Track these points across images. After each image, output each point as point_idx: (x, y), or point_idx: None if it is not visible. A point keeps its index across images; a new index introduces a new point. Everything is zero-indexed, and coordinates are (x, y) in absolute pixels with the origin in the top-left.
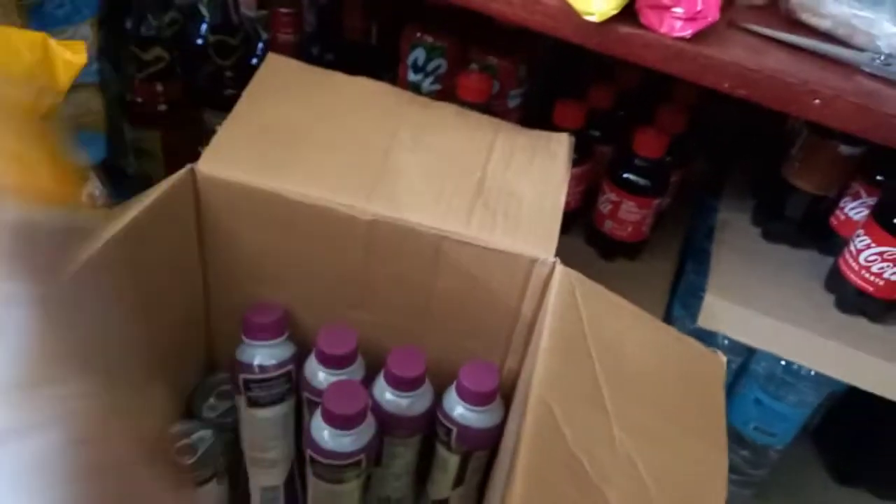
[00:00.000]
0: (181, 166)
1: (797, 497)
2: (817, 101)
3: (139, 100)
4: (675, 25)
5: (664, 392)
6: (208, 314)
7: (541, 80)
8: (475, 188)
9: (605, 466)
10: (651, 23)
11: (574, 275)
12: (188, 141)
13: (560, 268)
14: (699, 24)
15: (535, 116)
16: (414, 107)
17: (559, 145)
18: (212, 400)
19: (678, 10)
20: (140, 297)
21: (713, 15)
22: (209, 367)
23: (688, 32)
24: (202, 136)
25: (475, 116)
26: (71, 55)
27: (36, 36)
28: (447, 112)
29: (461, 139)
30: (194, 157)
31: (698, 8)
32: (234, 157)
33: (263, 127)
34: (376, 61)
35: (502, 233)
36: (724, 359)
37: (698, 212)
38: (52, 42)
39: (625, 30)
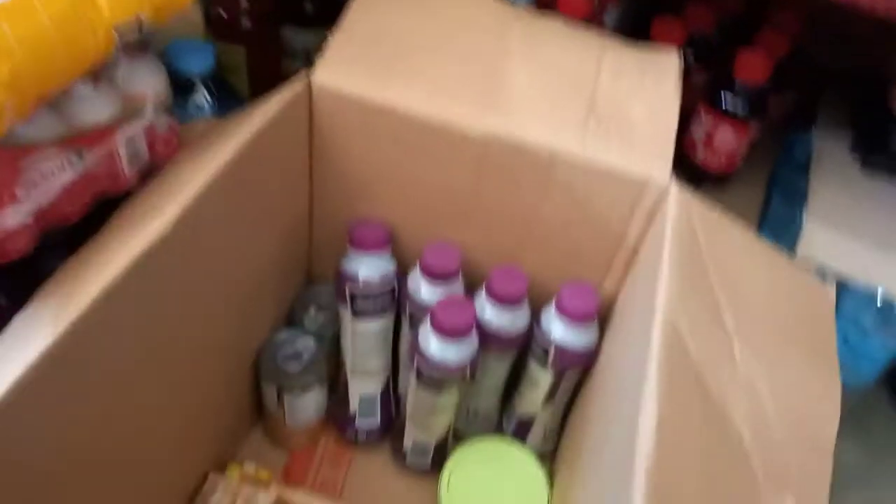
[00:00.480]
0: (265, 83)
1: (867, 439)
2: None
3: (223, 12)
4: None
5: (781, 318)
6: (311, 227)
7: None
8: (587, 104)
9: (728, 385)
10: None
11: (690, 198)
12: (271, 57)
13: (676, 190)
14: None
15: (631, 33)
16: (522, 20)
17: (669, 61)
18: (312, 311)
19: None
20: (251, 209)
21: None
22: (309, 279)
23: None
24: (281, 53)
25: (581, 31)
26: None
27: None
28: (555, 25)
29: (570, 53)
30: (277, 75)
31: None
32: (347, 67)
33: (373, 36)
34: None
35: (617, 153)
36: (833, 292)
37: (789, 144)
38: None
39: None
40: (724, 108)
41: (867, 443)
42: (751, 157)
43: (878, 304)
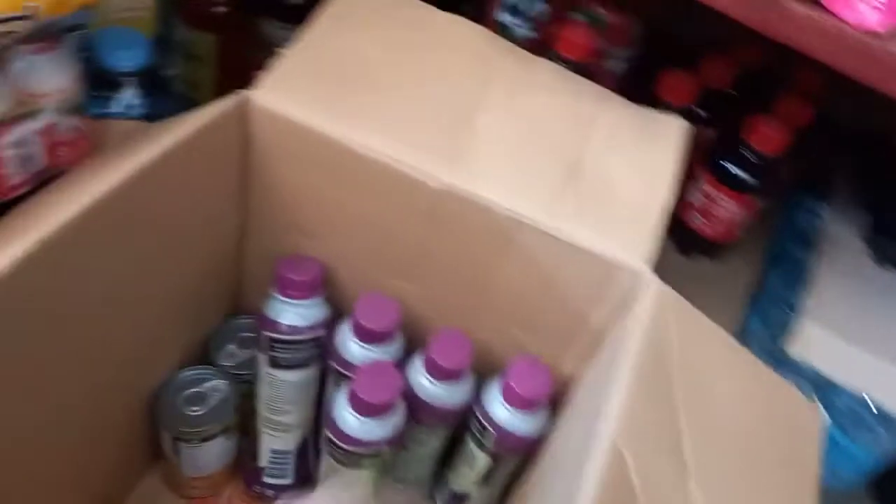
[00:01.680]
0: (233, 77)
1: None
2: None
3: None
4: (868, 16)
5: (753, 443)
6: (240, 256)
7: (648, 44)
8: (567, 168)
9: None
10: (836, 7)
11: (670, 294)
12: (243, 51)
13: (655, 282)
14: None
15: (636, 84)
16: (510, 59)
17: (672, 131)
18: (231, 346)
19: None
20: (160, 229)
21: None
22: (233, 310)
23: (882, 26)
24: (256, 47)
25: (578, 80)
26: None
27: None
28: (547, 70)
29: (560, 107)
30: (247, 68)
31: None
32: (296, 88)
33: (334, 57)
34: None
35: (591, 229)
36: (825, 415)
37: (794, 212)
38: None
39: (799, 10)
40: (729, 177)
41: None
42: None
43: (868, 408)
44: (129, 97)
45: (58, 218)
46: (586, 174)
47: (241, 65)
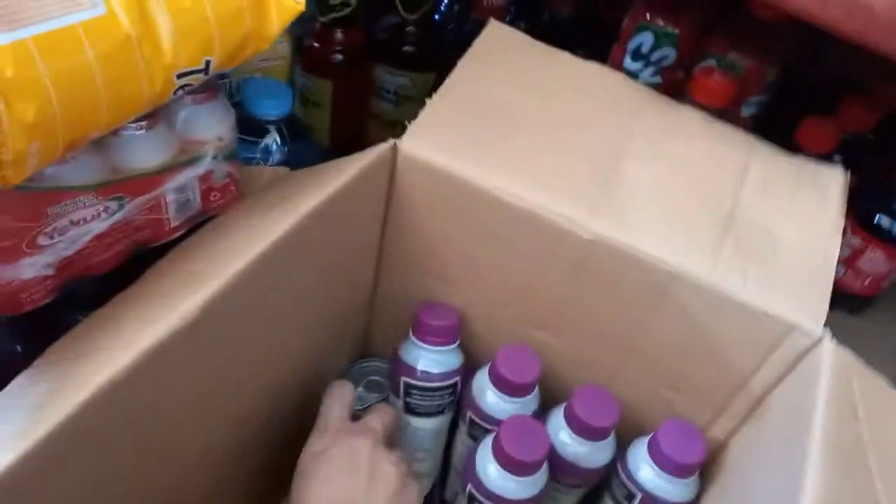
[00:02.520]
0: (347, 120)
1: None
2: None
3: (316, 45)
4: None
5: None
6: (374, 300)
7: (784, 89)
8: (723, 219)
9: None
10: None
11: (849, 358)
12: (357, 95)
13: (830, 345)
14: None
15: (771, 131)
16: (653, 106)
17: (832, 179)
18: (360, 389)
19: None
20: (314, 278)
21: None
22: (361, 354)
23: None
24: (369, 93)
25: (725, 128)
26: (287, 0)
27: None
28: (693, 119)
29: (709, 155)
30: (360, 114)
31: None
32: (441, 136)
33: (477, 105)
34: (586, 36)
35: (757, 285)
36: None
37: None
38: None
39: None
40: (878, 228)
41: None
42: None
43: None
44: (269, 143)
45: (247, 256)
46: (744, 225)
47: (354, 110)
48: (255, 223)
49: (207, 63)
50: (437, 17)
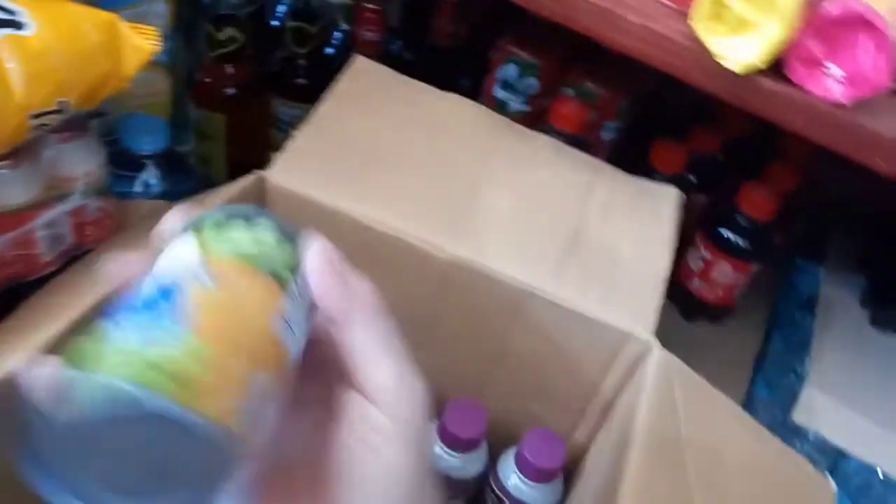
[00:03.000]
0: (242, 153)
1: None
2: None
3: (207, 80)
4: (833, 88)
5: None
6: None
7: (638, 114)
8: (570, 239)
9: None
10: (802, 80)
11: (674, 362)
12: (252, 127)
13: (659, 351)
14: (862, 90)
15: (629, 153)
16: (509, 135)
17: (666, 201)
18: None
19: (836, 71)
20: None
21: (881, 81)
22: None
23: (847, 98)
24: (267, 125)
25: (574, 154)
26: (142, 42)
27: (106, 16)
28: (545, 145)
29: (558, 179)
30: (256, 145)
31: (863, 70)
32: (307, 167)
33: (342, 136)
34: (461, 69)
35: (596, 297)
36: (833, 486)
37: (793, 276)
38: (123, 25)
39: (768, 84)
40: (724, 242)
41: None
42: (754, 286)
43: (878, 478)
44: (148, 177)
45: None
46: (587, 243)
47: (250, 141)
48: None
49: (62, 104)
50: (328, 49)
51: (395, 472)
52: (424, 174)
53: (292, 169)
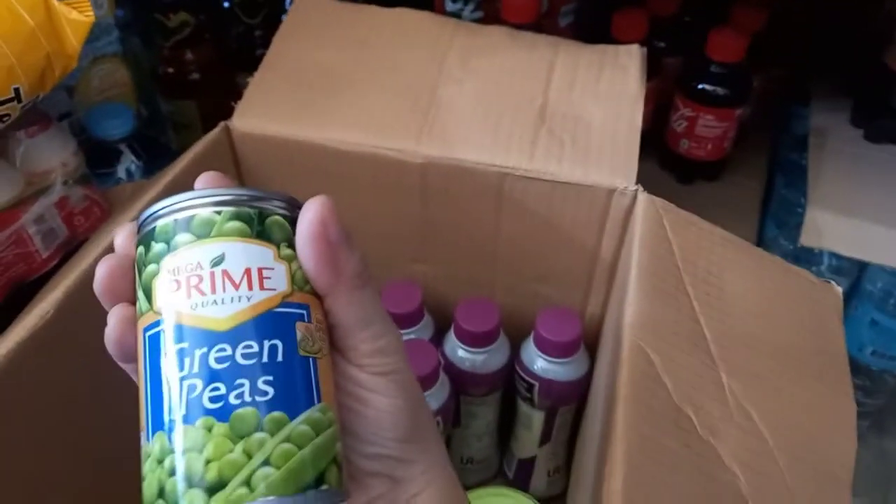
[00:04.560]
0: None
1: None
2: None
3: (170, 70)
4: None
5: (775, 331)
6: None
7: None
8: (537, 115)
9: (714, 418)
10: None
11: (659, 202)
12: (225, 108)
13: (643, 196)
14: None
15: (590, 34)
16: (460, 33)
17: (629, 58)
18: None
19: None
20: None
21: None
22: None
23: None
24: (237, 101)
25: (529, 36)
26: (77, 14)
27: None
28: (498, 34)
29: (516, 62)
30: None
31: None
32: (269, 108)
33: (298, 72)
34: None
35: (572, 162)
36: (839, 289)
37: (785, 121)
38: (54, 2)
39: None
40: (701, 94)
41: None
42: (748, 139)
43: None
44: (127, 164)
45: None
46: (556, 115)
47: (224, 121)
48: (110, 229)
49: (17, 90)
50: (283, 16)
51: (387, 417)
52: (385, 88)
53: (255, 112)
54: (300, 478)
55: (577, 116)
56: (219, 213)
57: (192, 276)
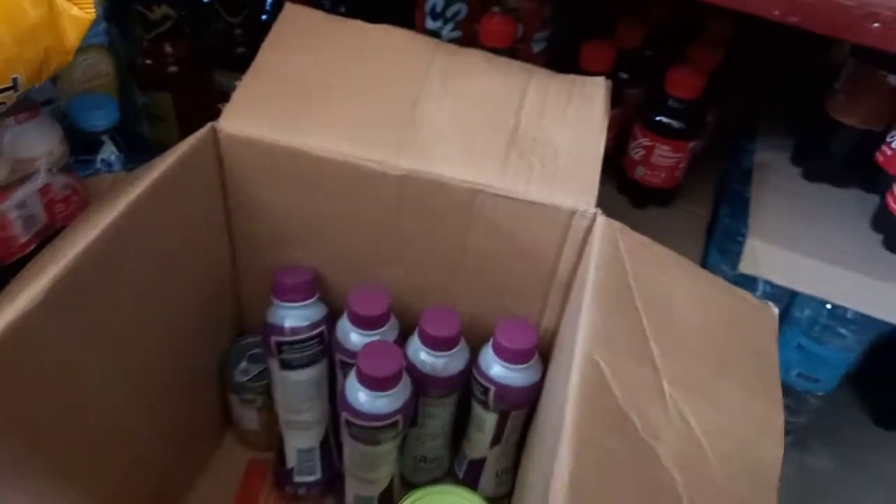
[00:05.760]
0: (194, 129)
1: (837, 443)
2: (876, 24)
3: (148, 62)
4: None
5: (715, 346)
6: (236, 277)
7: (565, 22)
8: (508, 137)
9: (655, 423)
10: None
11: (617, 225)
12: (200, 103)
13: (601, 218)
14: None
15: (561, 60)
16: (440, 53)
17: (595, 89)
18: (244, 364)
19: None
20: (164, 261)
21: None
22: (240, 331)
23: None
24: (213, 98)
25: (504, 61)
26: (78, 10)
27: None
28: (475, 57)
29: (491, 85)
30: (207, 119)
31: None
32: (255, 113)
33: (284, 80)
34: (390, 10)
35: (539, 184)
36: (776, 310)
37: (732, 154)
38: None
39: None
40: (658, 126)
41: (838, 449)
42: (697, 168)
43: (830, 310)
44: (107, 154)
45: (84, 241)
46: (526, 138)
47: (199, 116)
48: (91, 218)
49: (15, 80)
50: (264, 17)
51: None
52: (366, 101)
53: (241, 116)
54: None
55: (545, 140)
56: None
57: None
